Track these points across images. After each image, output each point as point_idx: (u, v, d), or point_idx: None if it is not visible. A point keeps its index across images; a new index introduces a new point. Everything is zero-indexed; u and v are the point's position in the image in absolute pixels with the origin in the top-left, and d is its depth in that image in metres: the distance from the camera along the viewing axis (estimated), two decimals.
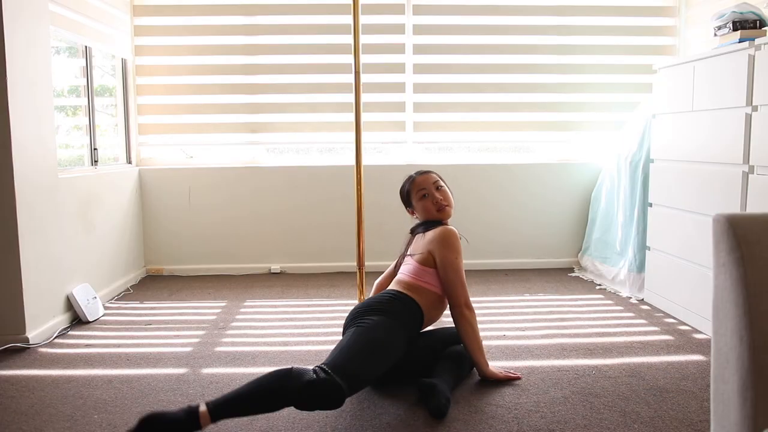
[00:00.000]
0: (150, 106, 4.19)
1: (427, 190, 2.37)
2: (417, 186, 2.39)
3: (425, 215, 2.38)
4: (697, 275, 2.88)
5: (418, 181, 2.40)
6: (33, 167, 2.77)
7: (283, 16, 4.14)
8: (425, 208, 2.37)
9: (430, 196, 2.36)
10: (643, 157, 3.48)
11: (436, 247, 2.25)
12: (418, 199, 2.38)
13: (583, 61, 4.22)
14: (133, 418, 1.99)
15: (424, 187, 2.38)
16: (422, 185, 2.38)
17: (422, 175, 2.42)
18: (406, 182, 2.46)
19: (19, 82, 2.66)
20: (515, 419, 1.97)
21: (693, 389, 2.19)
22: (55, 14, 3.10)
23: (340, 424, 1.95)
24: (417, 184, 2.39)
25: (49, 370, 2.44)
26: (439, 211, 2.35)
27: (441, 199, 2.36)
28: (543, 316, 3.12)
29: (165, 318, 3.15)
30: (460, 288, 2.22)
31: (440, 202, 2.35)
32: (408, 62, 4.18)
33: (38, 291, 2.80)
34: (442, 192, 2.39)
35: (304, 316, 3.15)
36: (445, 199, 2.37)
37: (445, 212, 2.37)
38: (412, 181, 2.42)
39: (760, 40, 2.51)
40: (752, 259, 1.04)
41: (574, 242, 4.28)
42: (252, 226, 4.20)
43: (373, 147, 4.30)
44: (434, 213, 2.36)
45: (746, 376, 1.03)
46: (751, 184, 2.53)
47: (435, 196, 2.36)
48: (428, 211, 2.37)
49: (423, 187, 2.38)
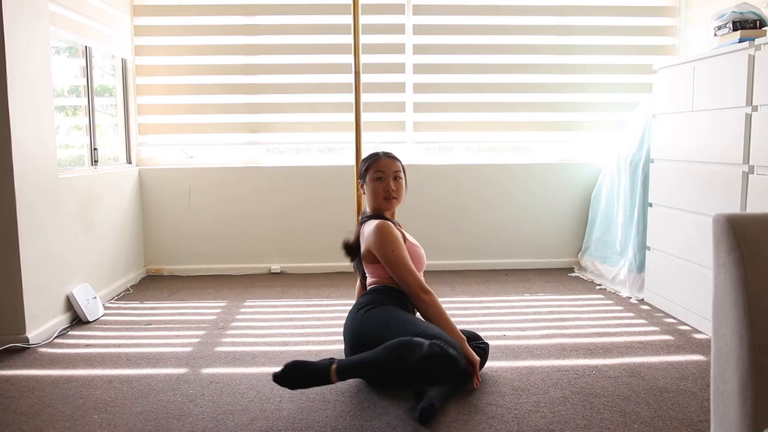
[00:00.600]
0: (150, 106, 4.19)
1: (385, 175, 2.37)
2: (378, 166, 2.39)
3: (371, 197, 2.39)
4: (697, 275, 2.88)
5: (381, 163, 2.39)
6: (33, 167, 2.77)
7: (283, 16, 4.14)
8: (374, 189, 2.37)
9: (384, 181, 2.37)
10: (643, 157, 3.48)
11: (371, 245, 2.29)
12: (372, 179, 2.39)
13: (583, 61, 4.22)
14: (133, 418, 1.99)
15: (383, 170, 2.38)
16: (382, 168, 2.38)
17: (388, 159, 2.41)
18: (370, 156, 2.45)
19: (19, 82, 2.66)
20: (515, 419, 1.97)
21: (693, 389, 2.19)
22: (55, 14, 3.10)
23: (340, 424, 1.95)
24: (379, 164, 2.39)
25: (49, 370, 2.44)
26: (385, 199, 2.37)
27: (393, 189, 2.36)
28: (543, 316, 3.12)
29: (165, 318, 3.15)
30: (407, 276, 2.23)
31: (390, 191, 2.36)
32: (408, 62, 4.18)
33: (38, 291, 2.80)
34: (397, 183, 2.39)
35: (304, 316, 3.15)
36: (396, 191, 2.38)
37: (390, 203, 2.38)
38: (377, 160, 2.41)
39: (760, 40, 2.51)
40: (752, 259, 1.04)
41: (574, 242, 4.28)
42: (252, 226, 4.20)
43: (373, 147, 4.27)
44: (380, 199, 2.37)
45: (746, 376, 1.03)
46: (751, 184, 2.53)
47: (389, 184, 2.36)
48: (376, 194, 2.37)
49: (382, 170, 2.37)
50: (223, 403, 2.11)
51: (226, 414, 2.02)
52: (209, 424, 1.95)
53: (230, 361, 2.51)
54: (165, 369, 2.43)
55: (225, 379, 2.31)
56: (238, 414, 2.02)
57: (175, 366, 2.46)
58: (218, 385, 2.26)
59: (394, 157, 2.44)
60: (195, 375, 2.37)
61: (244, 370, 2.42)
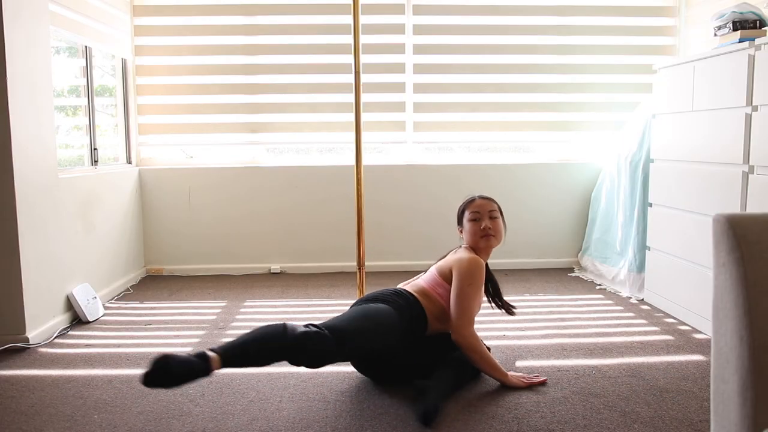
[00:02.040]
0: (150, 106, 4.19)
1: (481, 215, 2.40)
2: (473, 207, 2.43)
3: (470, 237, 2.41)
4: (697, 275, 2.88)
5: (476, 203, 2.44)
6: (33, 167, 2.77)
7: (283, 16, 4.14)
8: (472, 230, 2.40)
9: (481, 221, 2.39)
10: (643, 157, 3.48)
11: (457, 266, 2.29)
12: (469, 220, 2.42)
13: (583, 61, 4.22)
14: (133, 418, 1.99)
15: (478, 211, 2.41)
16: (478, 208, 2.42)
17: (483, 200, 2.45)
18: (465, 201, 2.50)
19: (19, 82, 2.66)
20: (515, 419, 1.97)
21: (693, 389, 2.19)
22: (55, 14, 3.10)
23: (340, 424, 1.95)
24: (474, 206, 2.44)
25: (49, 370, 2.44)
26: (483, 237, 2.38)
27: (490, 227, 2.38)
28: (543, 316, 3.12)
29: (165, 318, 3.15)
30: (461, 315, 2.22)
31: (487, 230, 2.37)
32: (408, 62, 4.18)
33: (38, 291, 2.80)
34: (494, 222, 2.40)
35: (304, 316, 3.14)
36: (493, 229, 2.39)
37: (488, 240, 2.38)
38: (471, 202, 2.46)
39: (760, 40, 2.51)
40: (752, 259, 1.04)
41: (574, 242, 4.28)
42: (252, 226, 4.20)
43: (373, 147, 4.30)
44: (477, 238, 2.38)
45: (746, 376, 1.03)
46: (751, 184, 2.53)
47: (485, 223, 2.38)
48: (474, 234, 2.39)
49: (478, 211, 2.41)
50: (223, 403, 2.11)
51: (226, 414, 2.02)
52: (209, 424, 1.95)
53: None
54: None
55: (225, 379, 2.31)
56: (238, 414, 2.02)
57: None
58: (218, 385, 2.26)
59: (490, 198, 2.48)
60: None
61: (244, 370, 2.42)
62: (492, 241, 2.39)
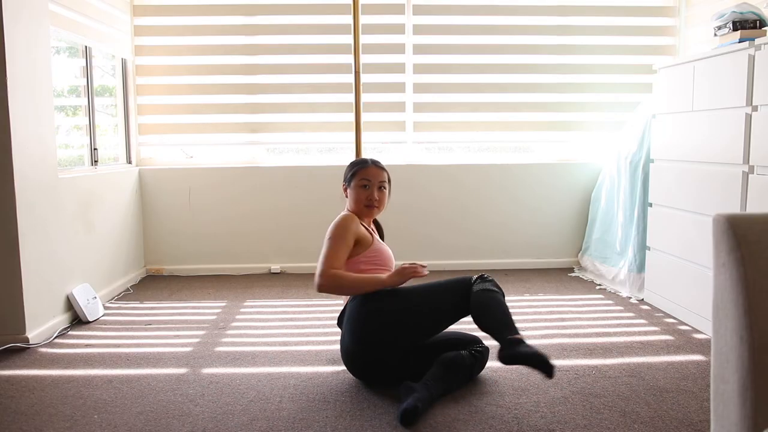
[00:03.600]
0: (150, 106, 4.19)
1: (370, 183, 2.38)
2: (365, 174, 2.39)
3: (353, 202, 2.39)
4: (697, 275, 2.88)
5: (369, 171, 2.40)
6: (33, 167, 2.77)
7: (283, 16, 4.14)
8: (358, 196, 2.37)
9: (369, 189, 2.37)
10: (643, 157, 3.48)
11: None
12: (357, 185, 2.38)
13: (583, 61, 4.22)
14: (133, 418, 1.99)
15: (369, 179, 2.38)
16: (370, 176, 2.38)
17: (376, 169, 2.42)
18: (358, 163, 2.47)
19: (19, 82, 2.66)
20: (515, 419, 1.97)
21: (693, 389, 2.19)
22: (55, 14, 3.10)
23: (340, 424, 1.95)
24: (366, 172, 2.39)
25: (49, 370, 2.44)
26: (366, 207, 2.37)
27: (376, 199, 2.37)
28: (543, 316, 3.12)
29: (165, 318, 3.15)
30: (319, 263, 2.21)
31: (372, 200, 2.37)
32: (408, 62, 4.18)
33: (38, 291, 2.80)
34: (381, 193, 2.40)
35: (304, 316, 3.15)
36: (378, 201, 2.39)
37: (371, 211, 2.39)
38: (364, 167, 2.42)
39: (760, 40, 2.51)
40: (752, 259, 1.04)
41: (574, 242, 4.28)
42: (252, 226, 4.20)
43: (373, 147, 4.29)
44: (362, 206, 2.37)
45: (746, 376, 1.03)
46: (751, 184, 2.53)
47: (373, 193, 2.37)
48: (359, 202, 2.37)
49: (369, 179, 2.38)
50: (223, 403, 2.11)
51: (226, 414, 2.02)
52: (209, 424, 1.95)
53: (230, 361, 2.51)
54: (165, 369, 2.43)
55: (225, 379, 2.31)
56: (238, 414, 2.02)
57: (175, 366, 2.46)
58: (218, 385, 2.26)
59: (383, 167, 2.45)
60: (195, 375, 2.37)
61: (244, 370, 2.42)
62: (374, 212, 2.40)
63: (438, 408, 2.04)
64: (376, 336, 2.17)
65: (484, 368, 2.35)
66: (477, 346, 2.32)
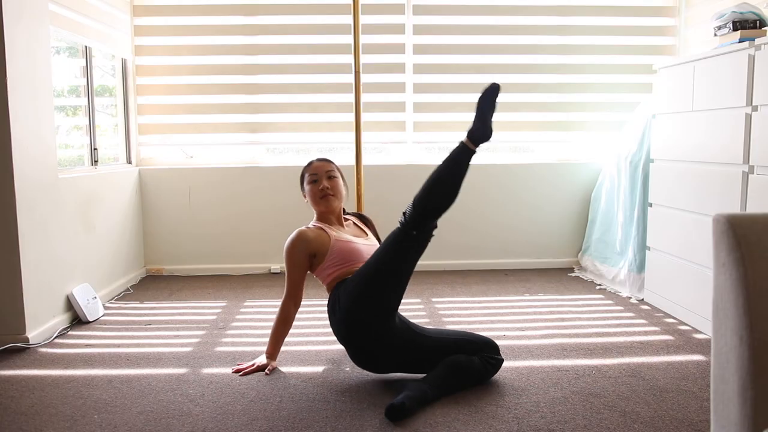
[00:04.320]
0: (150, 106, 4.20)
1: (318, 176, 2.44)
2: (310, 170, 2.47)
3: (311, 201, 2.46)
4: (697, 275, 2.88)
5: (313, 166, 2.48)
6: (33, 167, 2.77)
7: (283, 16, 4.14)
8: (312, 192, 2.45)
9: (318, 182, 2.43)
10: (643, 157, 3.48)
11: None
12: (308, 182, 2.46)
13: (583, 61, 4.22)
14: (133, 418, 1.99)
15: (316, 173, 2.45)
16: (315, 170, 2.46)
17: (320, 162, 2.49)
18: (305, 167, 2.54)
19: (19, 82, 2.66)
20: (515, 419, 1.97)
21: (693, 389, 2.19)
22: (55, 14, 3.10)
23: (340, 424, 1.95)
24: (311, 168, 2.48)
25: (49, 370, 2.44)
26: (322, 199, 2.42)
27: (328, 187, 2.43)
28: (543, 316, 3.12)
29: (165, 318, 3.15)
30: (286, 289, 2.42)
31: (326, 190, 2.42)
32: (408, 62, 4.18)
33: (38, 291, 2.80)
34: (332, 182, 2.45)
35: (304, 316, 3.14)
36: (332, 189, 2.44)
37: (327, 200, 2.43)
38: (308, 166, 2.51)
39: (760, 40, 2.51)
40: (752, 259, 1.04)
41: (574, 242, 4.28)
42: (252, 226, 4.20)
43: (373, 147, 4.30)
44: (318, 200, 2.43)
45: (746, 376, 1.03)
46: (751, 184, 2.53)
47: (323, 184, 2.43)
48: (314, 196, 2.44)
49: (315, 173, 2.45)
50: (223, 403, 2.11)
51: (226, 414, 2.02)
52: (209, 424, 1.95)
53: (230, 361, 2.51)
54: (165, 369, 2.43)
55: (225, 379, 2.31)
56: (238, 414, 2.02)
57: (175, 366, 2.46)
58: (218, 385, 2.26)
59: (327, 159, 2.52)
60: (195, 375, 2.37)
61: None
62: (332, 200, 2.44)
63: (438, 408, 2.04)
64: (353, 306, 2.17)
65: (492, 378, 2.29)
66: (494, 355, 2.26)
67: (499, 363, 2.27)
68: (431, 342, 2.23)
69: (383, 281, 2.14)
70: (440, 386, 2.12)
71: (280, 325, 2.43)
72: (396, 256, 2.14)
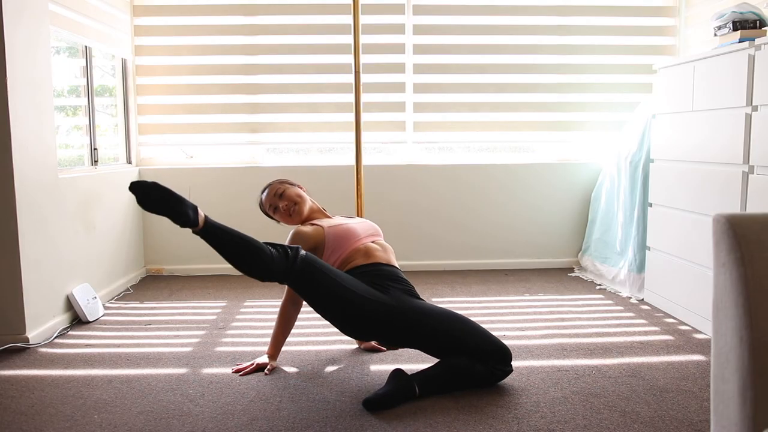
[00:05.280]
0: (150, 106, 4.19)
1: (273, 203, 2.55)
2: (266, 204, 2.58)
3: (287, 223, 2.57)
4: (697, 275, 2.88)
5: (265, 200, 2.58)
6: (33, 167, 2.77)
7: (283, 16, 4.14)
8: (282, 218, 2.56)
9: (278, 208, 2.54)
10: (643, 157, 3.48)
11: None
12: (273, 213, 2.57)
13: (583, 61, 4.22)
14: (133, 418, 1.99)
15: (271, 203, 2.55)
16: (269, 202, 2.56)
17: (265, 195, 2.58)
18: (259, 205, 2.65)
19: (19, 82, 2.66)
20: (515, 419, 1.97)
21: (693, 389, 2.19)
22: (55, 14, 3.10)
23: (340, 424, 1.95)
24: (265, 203, 2.58)
25: (49, 370, 2.44)
26: (291, 216, 2.52)
27: (285, 205, 2.52)
28: (543, 316, 3.12)
29: (165, 318, 3.15)
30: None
31: (287, 209, 2.52)
32: (408, 62, 4.18)
33: (38, 291, 2.80)
34: (286, 197, 2.53)
35: (304, 316, 3.14)
36: (290, 201, 2.52)
37: (297, 212, 2.52)
38: (261, 203, 2.61)
39: (760, 40, 2.51)
40: (752, 259, 1.04)
41: (574, 242, 4.28)
42: (252, 226, 4.17)
43: (373, 147, 4.30)
44: (288, 218, 2.54)
45: (746, 376, 1.03)
46: (751, 184, 2.53)
47: (280, 205, 2.52)
48: (285, 219, 2.56)
49: (270, 204, 2.56)
50: (223, 403, 2.11)
51: (226, 414, 2.02)
52: (209, 424, 1.95)
53: (230, 361, 2.51)
54: (165, 369, 2.43)
55: (225, 379, 2.31)
56: (238, 414, 2.02)
57: (175, 366, 2.46)
58: (218, 385, 2.26)
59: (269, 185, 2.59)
60: (195, 375, 2.37)
61: None
62: (300, 208, 2.52)
63: (438, 408, 2.05)
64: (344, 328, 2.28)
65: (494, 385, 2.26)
66: (503, 367, 2.19)
67: (506, 374, 2.21)
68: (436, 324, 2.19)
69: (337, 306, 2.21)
70: (433, 385, 2.13)
71: (280, 327, 2.44)
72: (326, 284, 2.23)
